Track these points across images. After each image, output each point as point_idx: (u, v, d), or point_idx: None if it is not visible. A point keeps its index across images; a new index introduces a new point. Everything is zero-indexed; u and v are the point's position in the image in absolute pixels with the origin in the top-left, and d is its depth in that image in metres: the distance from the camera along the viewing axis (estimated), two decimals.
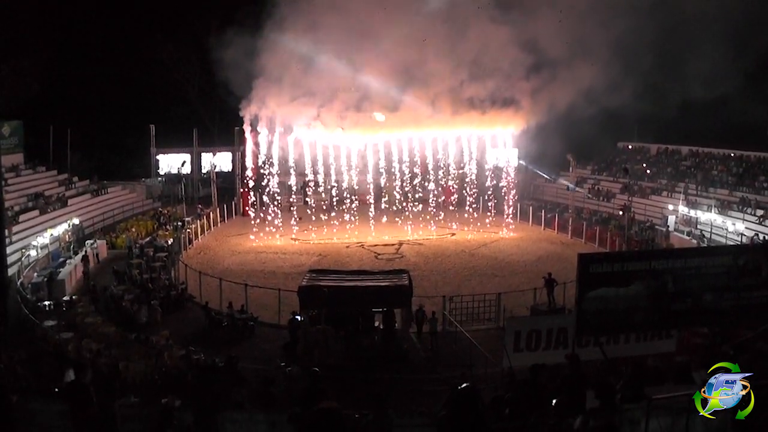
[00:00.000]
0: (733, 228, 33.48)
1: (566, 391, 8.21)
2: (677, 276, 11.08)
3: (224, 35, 36.23)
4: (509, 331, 13.69)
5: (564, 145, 41.64)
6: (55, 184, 39.83)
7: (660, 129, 46.62)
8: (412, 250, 33.92)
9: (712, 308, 11.32)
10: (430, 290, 25.12)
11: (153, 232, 36.40)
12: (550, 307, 22.94)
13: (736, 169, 40.62)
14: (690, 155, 45.15)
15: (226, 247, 35.07)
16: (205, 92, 51.85)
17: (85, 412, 7.98)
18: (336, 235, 36.57)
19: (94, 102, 51.54)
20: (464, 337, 19.04)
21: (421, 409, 12.09)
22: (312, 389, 8.86)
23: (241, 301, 22.96)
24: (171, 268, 29.18)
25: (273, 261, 31.77)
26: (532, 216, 41.15)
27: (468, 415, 5.94)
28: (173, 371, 16.64)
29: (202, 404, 8.38)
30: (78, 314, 22.05)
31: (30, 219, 32.80)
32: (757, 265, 11.41)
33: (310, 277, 21.47)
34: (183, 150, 48.92)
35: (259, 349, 20.21)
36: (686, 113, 39.97)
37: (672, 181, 41.98)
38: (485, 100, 36.67)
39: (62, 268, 27.72)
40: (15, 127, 39.09)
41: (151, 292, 24.36)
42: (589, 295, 10.77)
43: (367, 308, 20.30)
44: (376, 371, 16.98)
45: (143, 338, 19.12)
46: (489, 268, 30.63)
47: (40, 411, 8.42)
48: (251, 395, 11.95)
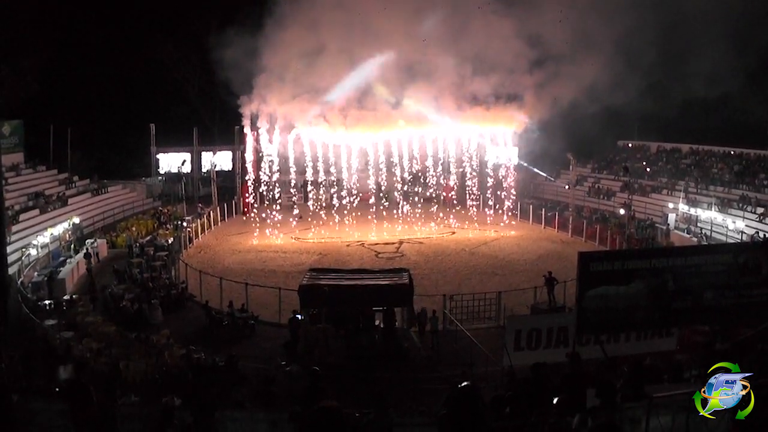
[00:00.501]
0: (733, 226, 33.49)
1: (567, 390, 8.21)
2: (677, 274, 11.10)
3: (224, 35, 36.21)
4: (510, 330, 13.70)
5: (564, 143, 41.65)
6: (56, 183, 39.83)
7: (660, 127, 46.60)
8: (413, 249, 33.92)
9: (712, 306, 11.33)
10: (431, 289, 25.09)
11: (153, 231, 36.42)
12: (550, 306, 22.93)
13: (737, 167, 40.60)
14: (690, 153, 45.14)
15: (226, 246, 35.07)
16: (205, 91, 51.85)
17: (86, 412, 7.98)
18: (336, 233, 36.56)
19: (94, 101, 51.50)
20: (465, 335, 19.04)
21: (421, 408, 12.11)
22: (312, 388, 8.87)
23: (241, 300, 22.97)
24: (171, 267, 29.19)
25: (273, 260, 31.77)
26: (533, 214, 41.15)
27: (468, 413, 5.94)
28: (174, 370, 16.65)
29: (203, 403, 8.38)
30: (78, 313, 22.05)
31: (30, 218, 32.78)
32: (758, 264, 11.42)
33: (311, 276, 21.47)
34: (183, 149, 48.93)
35: (260, 348, 20.21)
36: (686, 111, 39.96)
37: (672, 179, 41.98)
38: (489, 96, 36.72)
39: (62, 268, 27.73)
40: (15, 126, 39.08)
41: (151, 291, 24.37)
42: (589, 294, 10.79)
43: (367, 307, 20.29)
44: (376, 370, 16.99)
45: (143, 337, 19.12)
46: (489, 267, 30.62)
47: (41, 410, 8.42)
48: (252, 394, 11.97)
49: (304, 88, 34.93)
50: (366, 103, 36.45)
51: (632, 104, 36.37)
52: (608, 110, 35.48)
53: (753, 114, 40.65)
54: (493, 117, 37.60)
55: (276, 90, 34.40)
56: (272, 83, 34.21)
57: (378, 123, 36.62)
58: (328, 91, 35.42)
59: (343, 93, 35.68)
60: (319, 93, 35.31)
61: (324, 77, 35.11)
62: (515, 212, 40.66)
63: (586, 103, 33.23)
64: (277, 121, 35.83)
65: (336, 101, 35.85)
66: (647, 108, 39.98)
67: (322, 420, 5.35)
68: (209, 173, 47.61)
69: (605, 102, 33.33)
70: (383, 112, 36.62)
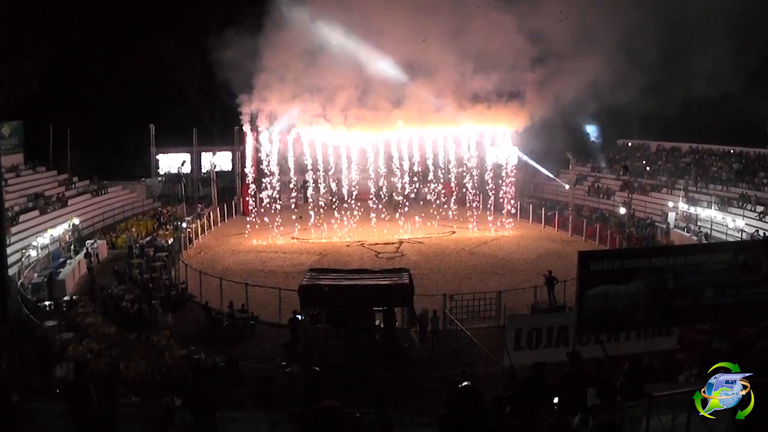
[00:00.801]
0: (733, 224, 33.49)
1: (568, 389, 8.21)
2: (677, 273, 11.08)
3: (224, 35, 36.17)
4: (510, 330, 13.68)
5: (564, 142, 41.64)
6: (55, 184, 39.82)
7: (660, 126, 46.58)
8: (413, 249, 33.91)
9: (712, 305, 11.32)
10: (431, 289, 25.09)
11: (153, 232, 36.42)
12: (550, 305, 22.94)
13: (737, 166, 40.60)
14: (690, 152, 45.13)
15: (226, 246, 35.07)
16: (205, 92, 51.81)
17: (86, 412, 7.98)
18: (336, 233, 36.56)
19: (94, 102, 51.48)
20: (465, 335, 19.05)
21: (421, 407, 12.10)
22: (312, 388, 8.86)
23: (241, 300, 22.98)
24: (171, 267, 29.18)
25: (273, 260, 31.76)
26: (532, 214, 41.15)
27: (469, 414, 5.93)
28: (174, 371, 16.66)
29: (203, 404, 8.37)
30: (78, 314, 22.05)
31: (30, 219, 32.79)
32: (758, 262, 11.39)
33: (311, 276, 21.47)
34: (183, 149, 48.91)
35: (260, 349, 20.24)
36: (686, 110, 39.91)
37: (672, 178, 41.98)
38: (491, 93, 36.69)
39: (62, 269, 27.74)
40: (15, 127, 39.08)
41: (151, 291, 24.38)
42: (589, 293, 10.76)
43: (367, 307, 20.30)
44: (376, 370, 16.99)
45: (144, 338, 19.13)
46: (489, 267, 30.63)
47: (41, 410, 8.42)
48: (252, 394, 11.97)
49: (305, 88, 34.92)
50: (366, 102, 36.42)
51: (632, 103, 36.31)
52: (608, 109, 35.48)
53: (753, 112, 40.60)
54: (494, 116, 37.57)
55: (276, 90, 34.39)
56: (272, 83, 34.20)
57: (378, 122, 36.58)
58: (328, 90, 35.40)
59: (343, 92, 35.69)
60: (320, 92, 35.27)
61: (324, 77, 35.11)
62: (515, 211, 40.62)
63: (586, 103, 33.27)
64: (276, 121, 35.80)
65: (336, 100, 35.83)
66: (647, 107, 39.94)
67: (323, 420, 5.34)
68: (209, 174, 47.61)
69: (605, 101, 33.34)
70: (384, 111, 36.57)
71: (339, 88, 35.66)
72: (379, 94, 36.16)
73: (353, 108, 36.14)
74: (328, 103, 35.59)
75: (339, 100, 35.79)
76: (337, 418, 5.38)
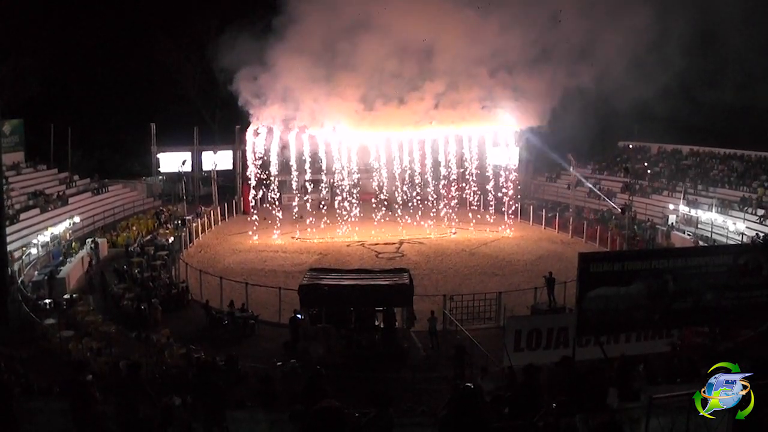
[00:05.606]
0: (733, 227, 33.46)
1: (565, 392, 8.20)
2: (678, 275, 11.09)
3: (225, 35, 36.12)
4: (510, 331, 13.71)
5: (565, 144, 41.59)
6: (56, 182, 39.83)
7: (661, 128, 46.54)
8: (413, 249, 33.90)
9: (712, 307, 11.33)
10: (431, 289, 25.11)
11: (154, 231, 36.37)
12: (550, 307, 22.94)
13: (738, 168, 40.55)
14: (691, 154, 45.09)
15: (226, 245, 35.06)
16: (205, 91, 51.77)
17: (87, 411, 7.98)
18: (337, 233, 36.55)
19: (94, 100, 51.46)
20: (464, 336, 19.04)
21: (421, 407, 12.10)
22: (312, 388, 8.86)
23: (241, 299, 22.98)
24: (171, 266, 29.18)
25: (273, 259, 31.76)
26: (533, 215, 41.12)
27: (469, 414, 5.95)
28: (174, 370, 16.67)
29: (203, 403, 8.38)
30: (78, 312, 22.06)
31: (30, 217, 32.80)
32: (758, 265, 11.42)
33: (311, 276, 21.42)
34: (184, 148, 48.76)
35: (260, 348, 20.22)
36: (687, 112, 39.88)
37: (673, 181, 41.94)
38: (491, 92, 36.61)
39: (63, 267, 27.73)
40: (15, 125, 39.07)
41: (151, 290, 24.37)
42: (589, 295, 10.78)
43: (367, 307, 20.29)
44: (376, 370, 16.99)
45: (144, 337, 19.13)
46: (489, 267, 30.62)
47: (41, 409, 8.43)
48: (252, 394, 11.97)
49: (305, 87, 34.84)
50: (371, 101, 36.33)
51: (633, 105, 36.31)
52: (609, 111, 35.43)
53: (753, 114, 40.58)
54: (495, 116, 37.54)
55: (277, 90, 34.35)
56: (274, 81, 34.14)
57: (384, 122, 36.47)
58: (330, 90, 35.34)
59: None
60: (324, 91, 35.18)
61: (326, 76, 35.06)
62: (515, 212, 40.58)
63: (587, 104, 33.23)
64: (276, 121, 35.76)
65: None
66: (648, 108, 39.92)
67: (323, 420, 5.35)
68: (210, 173, 47.61)
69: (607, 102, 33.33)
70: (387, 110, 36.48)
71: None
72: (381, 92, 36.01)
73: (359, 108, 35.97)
74: (329, 102, 35.44)
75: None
76: (337, 417, 5.40)
